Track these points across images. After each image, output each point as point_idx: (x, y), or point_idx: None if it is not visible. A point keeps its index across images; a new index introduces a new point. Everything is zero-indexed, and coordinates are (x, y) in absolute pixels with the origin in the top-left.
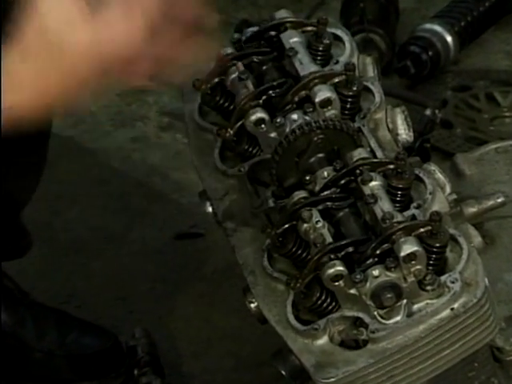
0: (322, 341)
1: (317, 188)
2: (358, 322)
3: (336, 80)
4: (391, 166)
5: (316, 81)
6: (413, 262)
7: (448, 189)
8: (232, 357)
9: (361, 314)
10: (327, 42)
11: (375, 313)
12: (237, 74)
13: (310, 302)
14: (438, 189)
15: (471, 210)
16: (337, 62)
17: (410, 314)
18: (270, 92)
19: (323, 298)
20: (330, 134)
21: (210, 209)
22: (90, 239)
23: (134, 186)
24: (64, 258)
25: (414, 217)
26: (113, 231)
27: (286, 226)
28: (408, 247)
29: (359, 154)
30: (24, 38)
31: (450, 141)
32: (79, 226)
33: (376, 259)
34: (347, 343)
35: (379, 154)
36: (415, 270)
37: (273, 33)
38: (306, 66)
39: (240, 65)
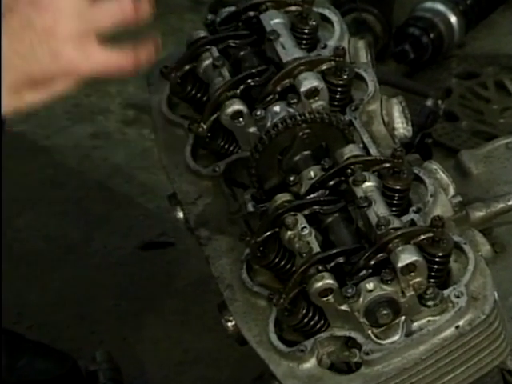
0: (310, 364)
1: (302, 190)
2: (349, 343)
3: (324, 67)
4: (387, 165)
5: (301, 68)
6: (412, 274)
7: (452, 190)
8: (207, 383)
9: (353, 334)
10: (313, 23)
11: (369, 332)
12: (211, 60)
13: (295, 320)
14: (440, 190)
15: (478, 214)
16: (325, 46)
17: (408, 333)
18: (249, 81)
19: (310, 315)
20: (317, 128)
21: (180, 214)
22: (45, 250)
23: (94, 188)
24: (15, 272)
25: (413, 222)
26: (71, 241)
27: (268, 233)
28: (406, 257)
29: (350, 150)
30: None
31: (455, 135)
32: (32, 235)
33: (370, 271)
34: (338, 366)
35: (373, 150)
36: (415, 283)
37: (252, 13)
38: (289, 51)
39: (214, 50)
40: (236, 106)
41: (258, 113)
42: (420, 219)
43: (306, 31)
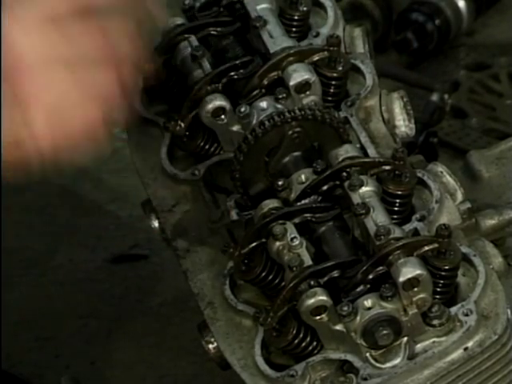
0: None
1: (292, 196)
2: (345, 367)
3: (316, 58)
4: (387, 167)
5: (290, 59)
6: (415, 290)
7: (460, 196)
8: None
9: (349, 357)
10: (304, 9)
11: (367, 354)
12: (189, 50)
13: (284, 342)
14: (446, 196)
15: (490, 222)
16: (317, 34)
17: (411, 356)
18: (232, 73)
19: (301, 336)
20: (309, 126)
21: (155, 223)
22: (3, 264)
23: (57, 195)
24: None
25: (416, 232)
26: (32, 254)
27: (254, 244)
28: (409, 270)
29: (346, 151)
30: None
31: (463, 134)
32: None
33: (368, 286)
34: None
35: (371, 151)
36: (418, 300)
37: None
38: (277, 39)
39: (193, 39)
40: (217, 101)
41: (243, 109)
42: (424, 228)
43: (296, 18)
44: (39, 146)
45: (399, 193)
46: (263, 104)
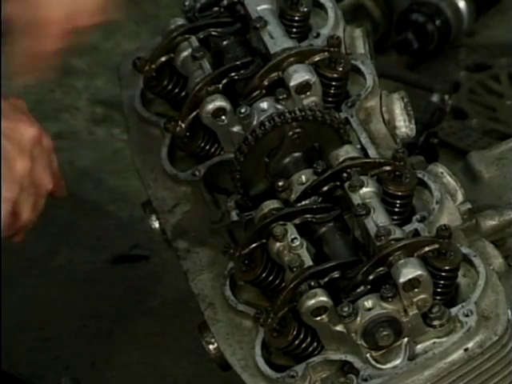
0: None
1: (293, 196)
2: (346, 368)
3: (316, 58)
4: (387, 168)
5: (291, 60)
6: (415, 290)
7: (460, 196)
8: None
9: (349, 357)
10: (305, 9)
11: (368, 355)
12: (189, 51)
13: (284, 343)
14: (447, 196)
15: (490, 223)
16: (317, 35)
17: (412, 357)
18: (233, 74)
19: (301, 336)
20: (309, 127)
21: (156, 224)
22: (4, 264)
23: None
24: None
25: (416, 232)
26: (33, 254)
27: (254, 245)
28: (409, 271)
29: (346, 152)
30: None
31: (464, 135)
32: None
33: (368, 287)
34: None
35: (372, 152)
36: (419, 301)
37: None
38: (277, 40)
39: (194, 40)
40: (218, 102)
41: (243, 110)
42: (424, 229)
43: (297, 18)
44: None
45: (400, 193)
46: (264, 105)
